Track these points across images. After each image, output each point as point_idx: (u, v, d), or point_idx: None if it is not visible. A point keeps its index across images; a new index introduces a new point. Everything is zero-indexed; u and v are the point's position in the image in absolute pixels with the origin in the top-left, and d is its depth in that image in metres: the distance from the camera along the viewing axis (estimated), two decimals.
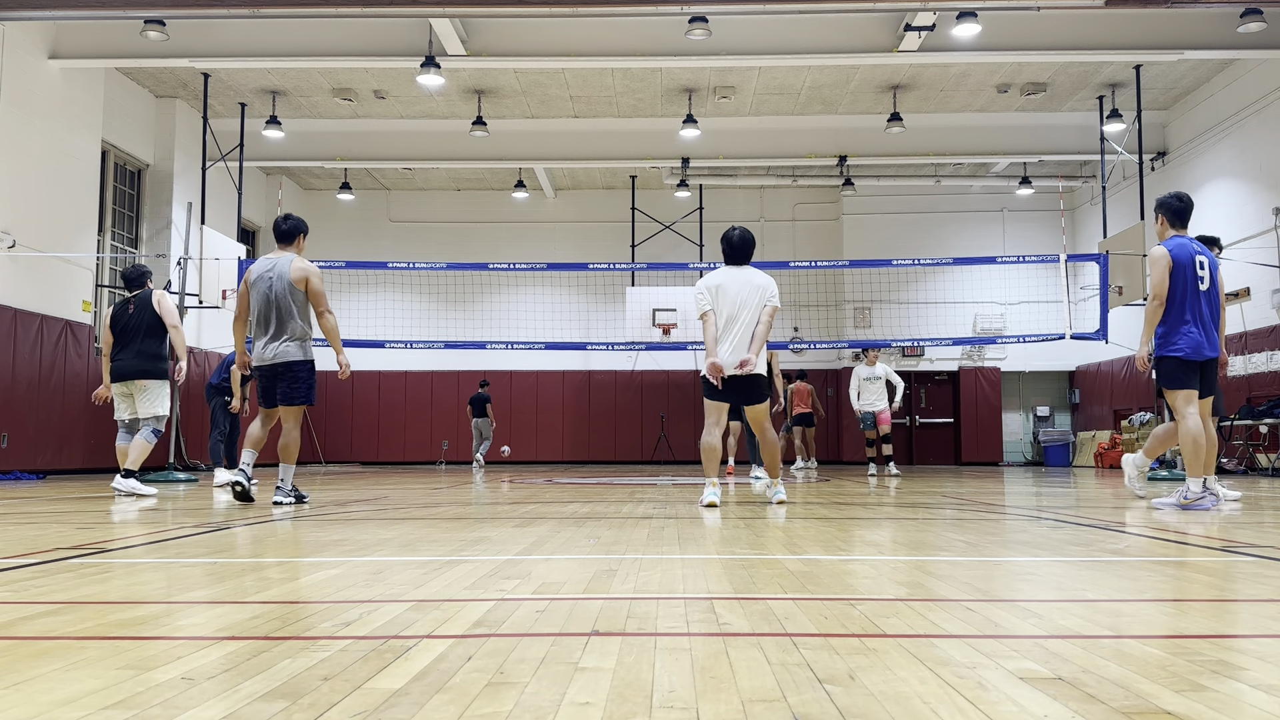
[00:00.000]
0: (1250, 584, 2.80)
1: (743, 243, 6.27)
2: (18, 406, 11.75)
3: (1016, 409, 20.58)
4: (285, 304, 6.16)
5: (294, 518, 5.26)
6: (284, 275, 6.19)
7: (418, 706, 1.44)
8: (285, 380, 6.19)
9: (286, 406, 6.24)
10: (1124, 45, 12.84)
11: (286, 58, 13.14)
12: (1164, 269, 5.95)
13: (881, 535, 4.27)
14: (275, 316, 6.17)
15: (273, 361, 6.18)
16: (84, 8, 11.23)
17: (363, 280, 19.69)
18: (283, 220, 6.43)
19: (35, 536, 4.19)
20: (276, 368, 6.19)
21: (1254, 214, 14.08)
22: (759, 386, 6.18)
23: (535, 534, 4.21)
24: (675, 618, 2.17)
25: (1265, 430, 13.24)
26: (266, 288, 6.19)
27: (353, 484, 10.34)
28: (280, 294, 6.16)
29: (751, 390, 6.16)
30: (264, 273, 6.25)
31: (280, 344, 6.16)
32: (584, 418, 20.23)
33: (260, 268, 6.29)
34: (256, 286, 6.23)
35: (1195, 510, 5.72)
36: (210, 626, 2.09)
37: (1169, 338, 5.95)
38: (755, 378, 6.12)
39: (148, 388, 7.57)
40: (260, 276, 6.24)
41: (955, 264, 16.90)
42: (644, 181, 19.67)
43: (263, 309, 6.20)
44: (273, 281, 6.19)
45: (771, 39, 12.81)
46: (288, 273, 6.19)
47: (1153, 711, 1.41)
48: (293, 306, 6.18)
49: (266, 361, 6.21)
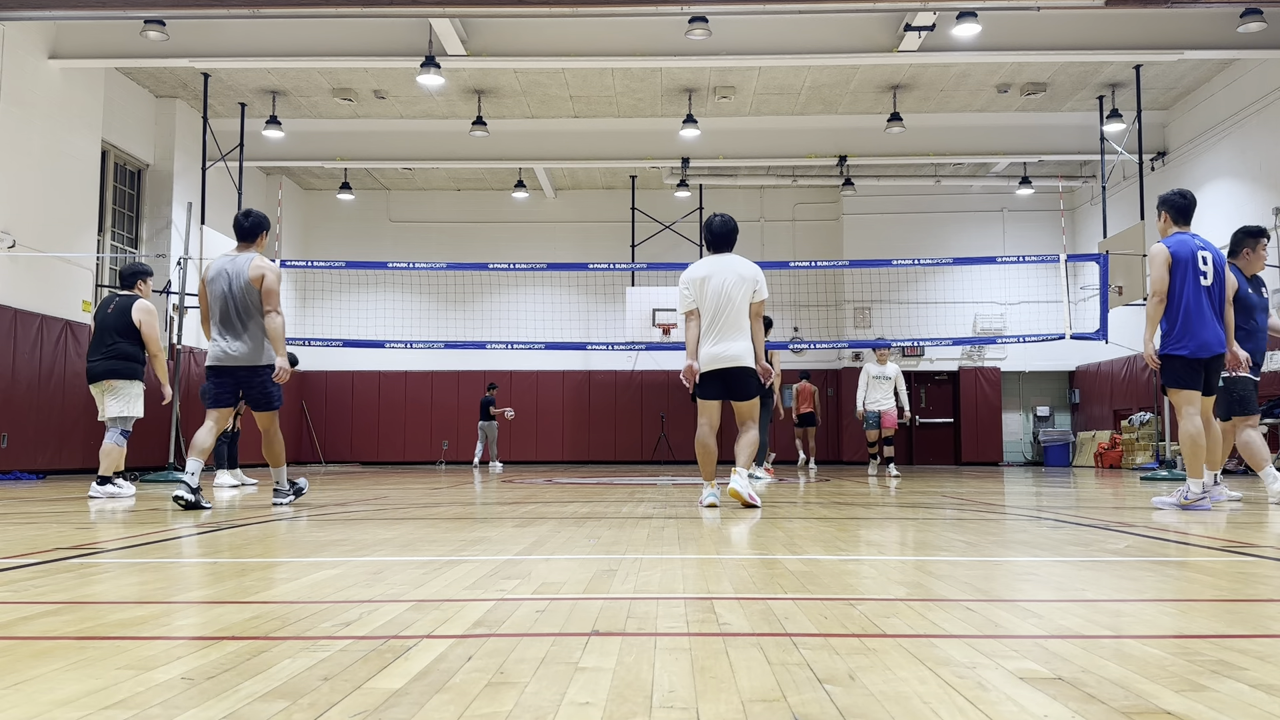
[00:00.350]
0: (1250, 584, 2.79)
1: (724, 229, 6.09)
2: (18, 406, 11.75)
3: (1016, 409, 20.57)
4: (243, 303, 5.93)
5: (294, 518, 5.26)
6: (242, 274, 5.94)
7: (418, 706, 1.44)
8: (252, 389, 5.98)
9: (261, 413, 6.07)
10: (1124, 45, 12.84)
11: (286, 58, 13.14)
12: (1163, 264, 5.93)
13: (881, 535, 4.27)
14: (234, 317, 5.94)
15: (232, 365, 5.94)
16: (84, 8, 11.23)
17: (363, 280, 19.70)
18: (243, 217, 6.15)
19: (35, 536, 4.19)
20: (238, 372, 5.96)
21: (1254, 214, 14.07)
22: (748, 381, 6.00)
23: (535, 534, 4.21)
24: (675, 618, 2.17)
25: (1265, 430, 13.23)
26: (225, 286, 5.95)
27: (353, 484, 10.34)
28: (238, 293, 5.92)
29: (741, 385, 6.00)
30: (221, 271, 6.00)
31: (238, 345, 5.93)
32: (584, 418, 20.23)
33: (218, 266, 6.05)
34: (214, 285, 5.99)
35: (1196, 511, 5.71)
36: (210, 626, 2.09)
37: (1173, 335, 5.90)
38: (745, 372, 5.96)
39: (117, 388, 7.44)
40: (218, 274, 6.00)
41: (955, 264, 16.91)
42: (644, 181, 19.67)
43: (222, 310, 5.96)
44: (230, 280, 5.94)
45: (771, 39, 12.81)
46: (245, 271, 5.94)
47: (1153, 711, 1.41)
48: (251, 307, 5.94)
49: (222, 363, 5.96)
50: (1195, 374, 5.90)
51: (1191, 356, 5.86)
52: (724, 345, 5.92)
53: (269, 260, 6.04)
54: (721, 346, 5.92)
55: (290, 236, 19.69)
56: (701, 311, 5.96)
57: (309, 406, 19.98)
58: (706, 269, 6.01)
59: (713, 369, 5.96)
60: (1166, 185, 15.91)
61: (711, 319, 5.93)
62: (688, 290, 6.00)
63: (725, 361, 5.92)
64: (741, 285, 5.92)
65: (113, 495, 7.26)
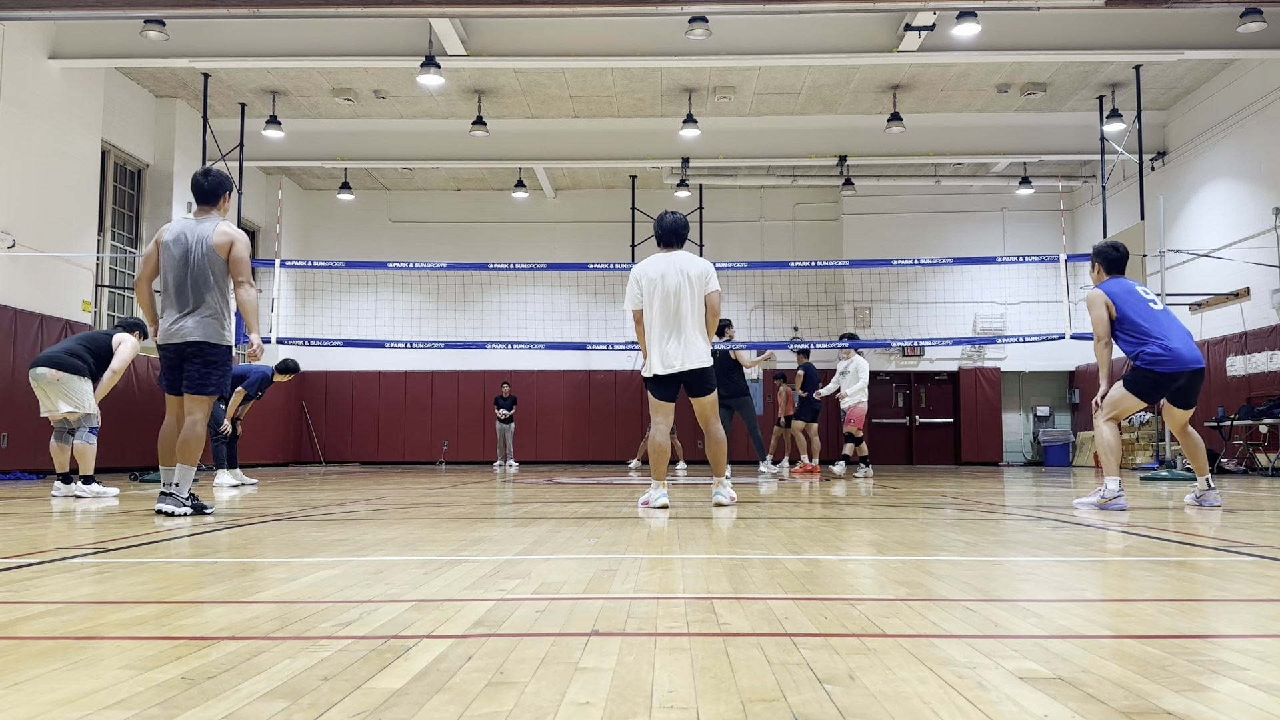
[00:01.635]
0: (1250, 584, 2.80)
1: (675, 224, 6.03)
2: (18, 406, 11.74)
3: (1016, 409, 20.58)
4: (203, 273, 5.28)
5: (293, 518, 5.25)
6: (205, 238, 5.31)
7: (418, 706, 1.44)
8: (195, 363, 5.27)
9: (193, 396, 5.27)
10: (1124, 45, 12.84)
11: (286, 58, 13.14)
12: (1101, 304, 5.99)
13: (881, 535, 4.27)
14: (190, 287, 5.29)
15: (181, 341, 5.28)
16: (84, 8, 11.23)
17: (363, 280, 19.69)
18: (203, 176, 5.50)
19: (35, 536, 4.19)
20: (185, 348, 5.28)
21: (1253, 214, 14.08)
22: (705, 379, 5.93)
23: (535, 534, 4.21)
24: (675, 618, 2.17)
25: (1265, 430, 13.24)
26: (183, 252, 5.30)
27: (352, 484, 10.34)
28: (199, 260, 5.28)
29: (697, 383, 5.93)
30: (181, 234, 5.35)
31: (193, 320, 5.27)
32: (584, 418, 20.23)
33: (177, 228, 5.40)
34: (170, 250, 5.33)
35: (1112, 509, 5.78)
36: (210, 626, 2.08)
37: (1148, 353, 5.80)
38: (702, 370, 5.89)
39: (66, 382, 7.38)
40: (177, 238, 5.34)
41: (955, 264, 16.90)
42: (644, 181, 19.67)
43: (177, 278, 5.30)
44: (191, 246, 5.30)
45: (771, 39, 12.81)
46: (210, 236, 5.31)
47: (1153, 711, 1.41)
48: (211, 277, 5.30)
49: (174, 340, 5.29)
50: (1158, 393, 5.90)
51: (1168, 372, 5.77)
52: (676, 344, 5.83)
53: (235, 227, 5.49)
54: (674, 345, 5.84)
55: (290, 236, 19.69)
56: (654, 311, 5.88)
57: (309, 406, 19.99)
58: (658, 268, 5.93)
59: (666, 373, 5.87)
60: (1166, 185, 15.96)
61: (664, 320, 5.86)
62: (634, 289, 5.95)
63: (679, 365, 5.84)
64: (692, 283, 5.86)
65: (98, 495, 7.21)
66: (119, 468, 13.58)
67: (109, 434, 13.16)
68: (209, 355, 5.29)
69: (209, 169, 5.58)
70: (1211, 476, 6.31)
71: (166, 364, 5.37)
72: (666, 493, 5.86)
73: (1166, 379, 5.81)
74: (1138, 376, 5.87)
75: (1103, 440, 5.99)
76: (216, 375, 5.31)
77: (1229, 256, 14.00)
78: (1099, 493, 5.99)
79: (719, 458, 6.04)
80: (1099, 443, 6.02)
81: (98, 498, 7.15)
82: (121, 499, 7.19)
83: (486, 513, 5.72)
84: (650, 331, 5.92)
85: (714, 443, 6.01)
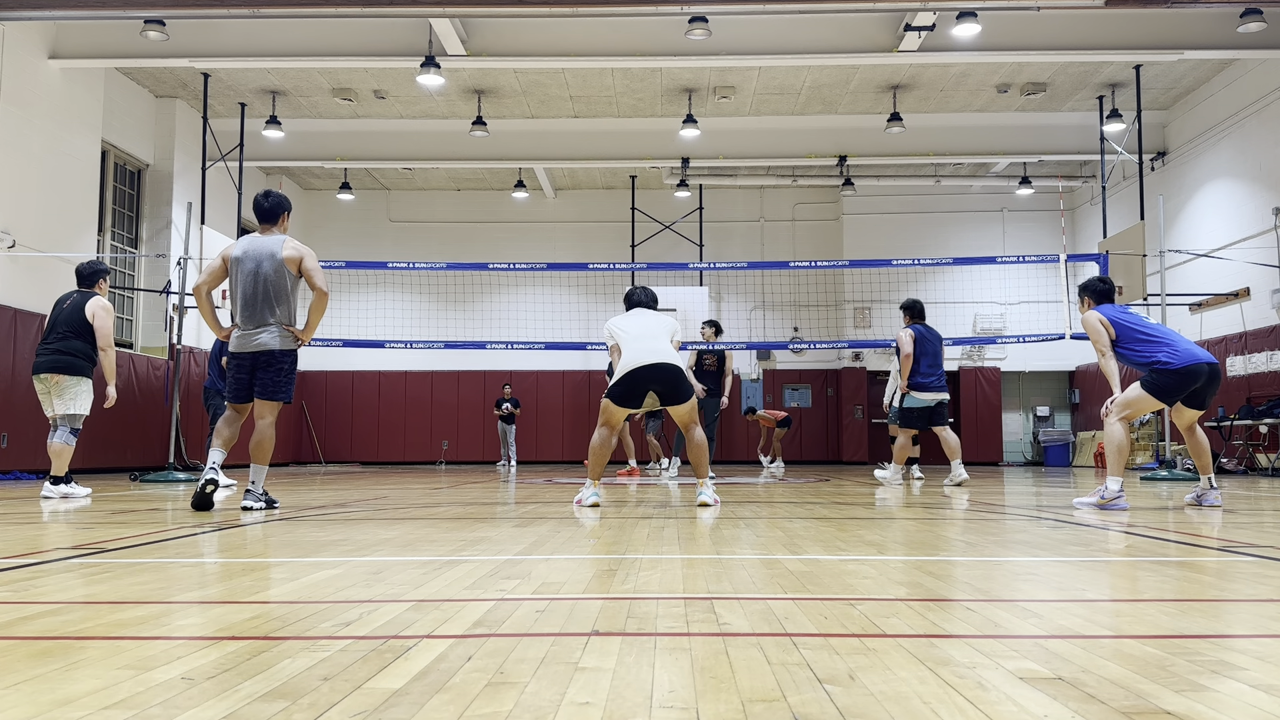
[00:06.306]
0: (1250, 584, 2.79)
1: (646, 296, 6.54)
2: (18, 406, 11.75)
3: (1016, 409, 20.58)
4: (276, 287, 5.59)
5: (293, 518, 5.26)
6: (275, 255, 5.60)
7: (418, 706, 1.44)
8: (269, 371, 5.58)
9: (264, 401, 5.61)
10: (1124, 45, 12.84)
11: (286, 58, 13.14)
12: (1097, 323, 6.03)
13: (881, 535, 4.27)
14: (262, 299, 5.57)
15: (256, 350, 5.57)
16: (84, 8, 11.23)
17: (363, 280, 19.69)
18: (264, 198, 5.79)
19: (35, 536, 4.19)
20: (259, 356, 5.58)
21: (1253, 214, 14.08)
22: (680, 385, 6.02)
23: (535, 534, 4.21)
24: (675, 618, 2.17)
25: (1265, 430, 13.24)
26: (253, 267, 5.58)
27: (352, 484, 10.34)
28: (268, 275, 5.57)
29: (674, 387, 6.00)
30: (250, 251, 5.63)
31: (264, 333, 5.57)
32: (584, 418, 20.21)
33: (244, 245, 5.68)
34: (241, 265, 5.61)
35: (1113, 510, 5.78)
36: (210, 626, 2.09)
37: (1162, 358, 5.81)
38: (676, 378, 5.99)
39: (63, 385, 7.29)
40: (246, 255, 5.62)
41: (955, 264, 16.89)
42: (644, 181, 19.67)
43: (248, 292, 5.58)
44: (261, 262, 5.58)
45: (771, 39, 12.81)
46: (279, 252, 5.61)
47: (1153, 711, 1.41)
48: (284, 291, 5.62)
49: (248, 350, 5.58)
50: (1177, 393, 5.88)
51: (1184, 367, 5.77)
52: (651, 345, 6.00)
53: (301, 243, 5.80)
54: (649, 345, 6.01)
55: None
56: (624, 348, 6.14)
57: (309, 406, 19.98)
58: (632, 321, 6.26)
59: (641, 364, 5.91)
60: (1166, 185, 15.97)
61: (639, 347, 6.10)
62: (611, 338, 6.26)
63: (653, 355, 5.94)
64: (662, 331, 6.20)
65: (66, 496, 7.06)
66: (119, 468, 13.59)
67: (109, 434, 13.20)
68: (280, 363, 5.62)
69: (269, 191, 5.88)
70: (1214, 476, 6.31)
71: (237, 371, 5.65)
72: (599, 491, 6.04)
73: (1187, 377, 5.80)
74: (1157, 379, 5.86)
75: (1113, 438, 5.95)
76: (285, 382, 5.67)
77: (1229, 256, 14.00)
78: (1099, 492, 5.99)
79: (701, 460, 6.16)
80: (1108, 441, 5.97)
81: (65, 498, 6.98)
82: (121, 499, 7.17)
83: (487, 513, 5.72)
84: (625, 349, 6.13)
85: (695, 446, 6.14)
